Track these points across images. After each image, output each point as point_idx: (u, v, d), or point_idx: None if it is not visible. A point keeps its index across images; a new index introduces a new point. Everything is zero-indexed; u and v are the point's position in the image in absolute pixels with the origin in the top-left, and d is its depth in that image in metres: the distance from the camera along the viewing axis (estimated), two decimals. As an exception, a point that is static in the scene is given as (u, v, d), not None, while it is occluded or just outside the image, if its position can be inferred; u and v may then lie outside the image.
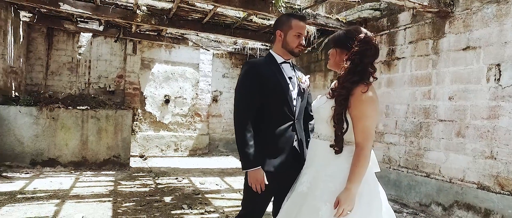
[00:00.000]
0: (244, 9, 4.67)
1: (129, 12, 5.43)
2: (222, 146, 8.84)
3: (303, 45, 2.06)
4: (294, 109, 2.01)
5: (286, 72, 2.05)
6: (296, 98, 2.03)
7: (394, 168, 4.78)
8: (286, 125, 1.98)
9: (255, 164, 1.88)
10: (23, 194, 4.17)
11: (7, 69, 5.66)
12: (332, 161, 1.71)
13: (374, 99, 1.68)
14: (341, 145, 1.70)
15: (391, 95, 4.88)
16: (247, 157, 1.88)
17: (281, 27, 2.05)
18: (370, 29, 5.26)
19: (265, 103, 1.97)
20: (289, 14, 2.09)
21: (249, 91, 1.96)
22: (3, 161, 5.29)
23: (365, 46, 1.71)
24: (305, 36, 2.08)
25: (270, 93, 1.95)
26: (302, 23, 2.04)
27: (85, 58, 7.26)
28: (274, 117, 1.98)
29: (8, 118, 5.27)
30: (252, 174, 1.89)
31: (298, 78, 2.07)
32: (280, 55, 2.07)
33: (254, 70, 1.98)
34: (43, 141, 5.43)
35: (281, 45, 2.05)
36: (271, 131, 1.97)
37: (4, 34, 5.47)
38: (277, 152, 1.96)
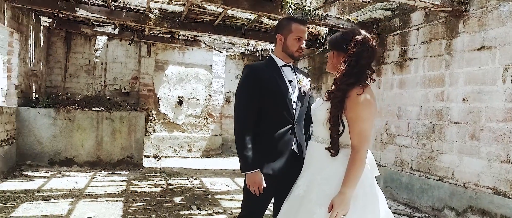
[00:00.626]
0: (253, 11, 4.69)
1: (142, 16, 5.55)
2: (235, 146, 8.88)
3: (303, 48, 2.06)
4: (294, 112, 2.02)
5: (286, 75, 2.06)
6: (296, 101, 2.03)
7: (406, 171, 4.68)
8: (285, 128, 1.99)
9: (253, 166, 1.90)
10: (41, 193, 4.34)
11: (28, 73, 5.90)
12: (328, 164, 1.70)
13: (371, 102, 1.66)
14: (337, 148, 1.69)
15: (403, 97, 4.78)
16: (246, 160, 1.91)
17: (282, 31, 2.05)
18: (382, 29, 5.19)
19: (265, 107, 1.99)
20: (290, 18, 2.10)
21: (248, 95, 1.98)
22: (24, 160, 5.52)
23: (362, 48, 1.69)
24: (305, 40, 2.07)
25: (269, 96, 1.97)
26: (303, 27, 2.04)
27: (101, 61, 7.47)
28: (273, 120, 2.00)
29: (29, 119, 5.49)
30: (250, 176, 1.91)
31: (299, 81, 2.06)
32: (281, 59, 2.08)
33: (254, 73, 2.00)
34: (60, 141, 5.63)
35: (282, 49, 2.06)
36: (270, 134, 1.98)
37: (25, 39, 5.71)
38: (276, 155, 1.97)
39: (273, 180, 1.94)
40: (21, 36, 5.54)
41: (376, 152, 5.27)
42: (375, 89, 5.34)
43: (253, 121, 1.97)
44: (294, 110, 2.02)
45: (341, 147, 1.71)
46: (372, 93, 1.70)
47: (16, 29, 5.35)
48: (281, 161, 1.97)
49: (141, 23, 5.62)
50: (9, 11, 5.08)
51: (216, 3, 4.40)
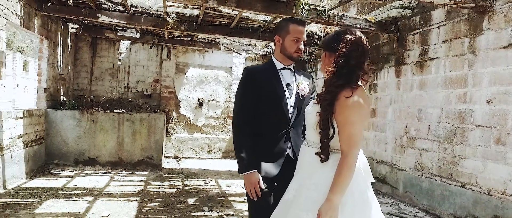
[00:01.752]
0: (266, 13, 4.68)
1: (160, 20, 5.70)
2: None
3: (302, 50, 2.02)
4: (290, 117, 1.99)
5: (284, 78, 2.03)
6: (293, 106, 2.00)
7: (426, 176, 4.47)
8: (280, 133, 1.98)
9: (250, 167, 1.91)
10: (64, 191, 4.56)
11: (56, 77, 6.23)
12: (318, 169, 1.65)
13: (361, 104, 1.59)
14: (327, 153, 1.64)
15: (424, 98, 4.57)
16: (243, 161, 1.92)
17: (280, 32, 2.03)
18: (402, 28, 5.00)
19: (261, 110, 1.99)
20: (288, 19, 2.08)
21: (245, 98, 1.99)
22: (52, 159, 5.83)
23: (352, 47, 1.63)
24: (304, 41, 2.03)
25: (265, 100, 1.97)
26: (301, 28, 2.00)
27: (125, 64, 7.74)
28: (269, 124, 1.99)
29: (56, 120, 5.79)
30: (247, 177, 1.91)
31: (297, 85, 2.03)
32: (280, 61, 2.05)
33: (251, 76, 2.01)
34: (84, 142, 5.89)
35: (280, 51, 2.04)
36: (266, 138, 1.98)
37: (54, 45, 6.04)
38: (271, 159, 1.96)
39: (268, 183, 1.93)
40: (50, 42, 5.86)
41: (395, 155, 5.08)
42: (395, 91, 5.16)
43: (249, 124, 1.98)
44: (291, 114, 1.99)
45: (331, 152, 1.66)
46: (363, 96, 1.63)
47: (45, 36, 5.66)
48: (276, 165, 1.95)
49: (160, 27, 5.78)
50: (39, 19, 5.39)
51: (229, 6, 4.43)
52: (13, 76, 28.10)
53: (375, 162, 5.55)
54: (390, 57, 5.32)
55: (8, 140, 4.64)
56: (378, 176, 5.44)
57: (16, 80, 28.78)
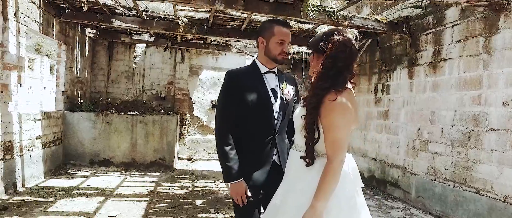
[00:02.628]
0: (274, 15, 4.66)
1: (171, 24, 5.81)
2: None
3: (286, 52, 1.96)
4: (275, 123, 1.93)
5: (269, 83, 1.97)
6: (278, 111, 1.95)
7: (439, 180, 4.32)
8: (266, 139, 1.92)
9: (236, 177, 1.87)
10: (78, 190, 4.72)
11: (74, 80, 6.47)
12: (304, 174, 1.62)
13: (346, 108, 1.54)
14: (312, 157, 1.60)
15: (437, 100, 4.42)
16: (228, 170, 1.87)
17: (263, 34, 1.96)
18: (415, 28, 4.87)
19: (245, 116, 1.92)
20: (272, 20, 2.01)
21: (228, 105, 1.93)
22: (69, 159, 6.05)
23: (339, 49, 1.59)
24: (289, 43, 1.98)
25: (249, 106, 1.90)
26: (285, 30, 1.95)
27: (140, 67, 7.93)
28: (254, 130, 1.93)
29: (73, 122, 6.01)
30: (233, 186, 1.88)
31: (282, 89, 1.98)
32: (264, 64, 1.99)
33: (234, 81, 1.94)
34: (99, 143, 6.07)
35: (264, 53, 1.97)
36: (251, 145, 1.93)
37: (72, 50, 6.27)
38: (258, 165, 1.92)
39: (254, 190, 1.91)
40: (68, 47, 6.09)
41: (407, 159, 4.94)
42: (407, 92, 5.02)
43: (232, 131, 1.92)
44: (276, 120, 1.94)
45: (318, 156, 1.62)
46: (350, 99, 1.59)
47: (63, 41, 5.89)
48: (262, 172, 1.91)
49: (171, 30, 5.89)
50: (57, 25, 5.61)
51: (237, 8, 4.46)
52: (41, 79, 29.33)
53: (388, 166, 5.41)
54: (403, 58, 5.18)
55: (27, 141, 4.85)
56: (390, 180, 5.30)
57: (43, 83, 30.02)
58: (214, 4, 4.36)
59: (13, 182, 4.53)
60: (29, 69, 25.86)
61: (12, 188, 4.48)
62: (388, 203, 4.82)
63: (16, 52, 4.50)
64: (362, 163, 6.22)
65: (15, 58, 4.48)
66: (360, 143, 6.31)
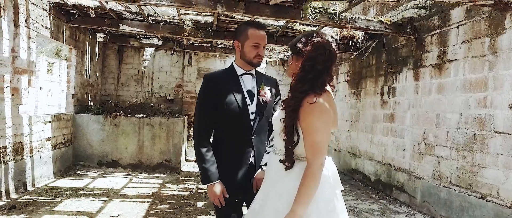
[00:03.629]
0: (276, 18, 4.69)
1: (177, 27, 5.90)
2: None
3: (262, 56, 1.95)
4: (252, 124, 1.93)
5: (245, 84, 1.97)
6: (254, 112, 1.94)
7: (444, 185, 4.21)
8: (242, 140, 1.93)
9: (212, 179, 1.88)
10: (84, 190, 4.84)
11: (84, 83, 6.65)
12: (283, 178, 1.61)
13: (324, 111, 1.53)
14: (291, 160, 1.59)
15: (442, 103, 4.32)
16: (205, 172, 1.89)
17: (239, 37, 1.96)
18: (420, 29, 4.78)
19: (221, 118, 1.94)
20: (247, 23, 1.99)
21: (204, 108, 1.94)
22: (78, 160, 6.21)
23: (318, 51, 1.57)
24: (264, 46, 1.97)
25: (225, 108, 1.91)
26: (260, 33, 1.93)
27: (149, 70, 8.08)
28: (231, 132, 1.95)
29: (82, 124, 6.17)
30: (210, 188, 1.90)
31: (259, 90, 1.98)
32: (240, 67, 1.99)
33: (210, 84, 1.95)
34: (107, 144, 6.21)
35: (240, 56, 1.97)
36: (228, 146, 1.94)
37: (82, 54, 6.46)
38: (235, 167, 1.93)
39: (233, 192, 1.91)
40: (78, 51, 6.27)
41: (413, 162, 4.83)
42: (413, 95, 4.92)
43: (209, 133, 1.95)
44: (252, 121, 1.93)
45: (297, 159, 1.61)
46: (329, 101, 1.57)
47: (73, 46, 6.07)
48: (239, 174, 1.92)
49: (177, 34, 5.98)
50: (67, 30, 5.79)
51: (238, 12, 4.49)
52: (59, 83, 30.25)
53: (393, 169, 5.31)
54: (409, 60, 5.09)
55: (37, 142, 5.02)
56: (396, 184, 5.20)
57: (62, 86, 30.92)
58: (215, 8, 4.40)
59: (23, 181, 4.69)
60: (49, 73, 26.74)
61: (22, 188, 4.64)
62: (393, 208, 4.72)
63: (27, 57, 4.67)
64: (368, 166, 6.12)
65: (25, 63, 4.65)
66: (367, 146, 6.22)
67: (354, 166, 6.72)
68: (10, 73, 4.32)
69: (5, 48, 4.21)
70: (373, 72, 6.18)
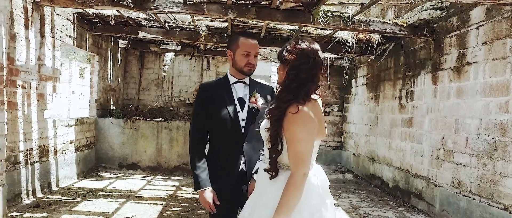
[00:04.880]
0: (287, 22, 4.68)
1: (193, 33, 6.03)
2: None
3: (253, 64, 1.98)
4: (243, 131, 1.96)
5: (237, 92, 2.02)
6: (245, 119, 1.97)
7: (464, 194, 4.01)
8: (234, 147, 1.96)
9: (203, 185, 1.92)
10: (103, 192, 5.04)
11: (106, 88, 6.94)
12: (269, 187, 1.60)
13: (307, 121, 1.51)
14: (275, 169, 1.59)
15: (461, 108, 4.13)
16: (196, 179, 1.94)
17: (231, 46, 2.02)
18: (438, 30, 4.62)
19: (213, 126, 1.99)
20: (239, 33, 2.05)
21: (197, 115, 2.01)
22: (100, 162, 6.48)
23: (302, 60, 1.55)
24: (256, 55, 2.00)
25: (215, 116, 1.96)
26: (250, 41, 1.97)
27: (169, 75, 8.29)
28: (223, 139, 1.98)
29: (104, 127, 6.44)
30: (201, 195, 1.94)
31: (251, 97, 2.00)
32: (233, 75, 2.04)
33: (202, 93, 2.02)
34: (127, 147, 6.44)
35: (232, 65, 2.02)
36: (219, 153, 1.98)
37: (104, 60, 6.75)
38: (225, 174, 1.95)
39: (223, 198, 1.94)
40: (100, 58, 6.56)
41: (431, 169, 4.65)
42: (431, 99, 4.74)
43: (201, 140, 2.00)
44: (243, 128, 1.96)
45: (283, 169, 1.60)
46: (314, 110, 1.55)
47: (96, 53, 6.36)
48: (230, 180, 1.94)
49: (193, 40, 6.11)
50: (90, 38, 6.08)
51: (250, 17, 4.53)
52: (90, 87, 31.57)
53: (412, 176, 5.13)
54: (427, 63, 4.91)
55: (61, 145, 5.29)
56: (414, 191, 5.01)
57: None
58: (226, 14, 4.47)
59: (48, 182, 4.97)
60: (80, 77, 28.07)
61: (47, 187, 4.92)
62: (410, 216, 4.56)
63: (52, 65, 4.95)
64: (387, 172, 5.95)
65: (50, 70, 4.93)
66: (385, 151, 6.04)
67: (372, 171, 6.55)
68: (36, 80, 4.59)
69: (32, 57, 4.49)
70: (391, 75, 6.00)
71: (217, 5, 4.43)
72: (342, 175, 7.28)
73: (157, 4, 4.39)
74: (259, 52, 2.09)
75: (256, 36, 2.07)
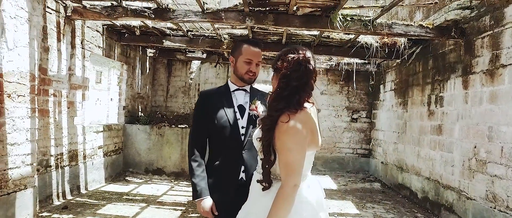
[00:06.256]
0: (306, 28, 4.61)
1: (216, 41, 6.13)
2: (320, 164, 8.61)
3: (254, 72, 1.95)
4: (242, 138, 1.92)
5: (237, 100, 1.99)
6: (245, 127, 1.93)
7: (500, 209, 3.67)
8: (233, 155, 1.92)
9: (201, 194, 1.90)
10: (127, 196, 5.22)
11: (134, 96, 7.22)
12: (261, 197, 1.56)
13: (297, 130, 1.45)
14: (268, 180, 1.54)
15: (495, 114, 3.81)
16: (194, 187, 1.91)
17: (233, 53, 2.00)
18: (469, 31, 4.33)
19: (212, 134, 1.97)
20: (242, 40, 2.05)
21: (197, 123, 2.00)
22: (127, 167, 6.73)
23: (292, 68, 1.52)
24: (258, 63, 1.97)
25: (215, 123, 1.93)
26: (253, 49, 1.94)
27: (195, 82, 8.47)
28: (222, 147, 1.95)
29: (131, 133, 6.69)
30: (199, 204, 1.91)
31: (251, 105, 1.96)
32: (234, 82, 2.02)
33: (202, 100, 2.01)
34: (153, 153, 6.63)
35: (233, 71, 2.01)
36: (219, 162, 1.95)
37: (132, 69, 7.04)
38: (225, 183, 1.92)
39: (222, 208, 1.90)
40: (129, 67, 6.85)
41: (463, 180, 4.32)
42: (462, 105, 4.42)
43: (201, 148, 1.97)
44: (243, 135, 1.92)
45: (276, 179, 1.55)
46: (306, 120, 1.49)
47: (124, 62, 6.65)
48: (228, 190, 1.90)
49: (216, 47, 6.20)
50: (119, 48, 6.38)
51: (267, 24, 4.52)
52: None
53: (442, 187, 4.80)
54: (457, 66, 4.60)
55: (90, 150, 5.56)
56: (445, 203, 4.68)
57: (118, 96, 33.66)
58: (244, 21, 4.49)
59: (77, 185, 5.23)
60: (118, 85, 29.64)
61: (76, 190, 5.18)
62: (439, 230, 4.26)
63: (81, 74, 5.24)
64: (415, 182, 5.62)
65: (80, 79, 5.22)
66: (414, 160, 5.72)
67: (400, 180, 6.22)
68: (67, 89, 4.88)
69: (63, 68, 4.78)
70: (419, 80, 5.70)
71: (235, 13, 4.47)
72: (369, 184, 6.99)
73: (177, 14, 4.52)
74: (262, 61, 2.05)
75: (260, 44, 2.05)
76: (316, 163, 8.65)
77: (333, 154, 8.60)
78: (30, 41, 3.85)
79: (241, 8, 4.33)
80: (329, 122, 8.64)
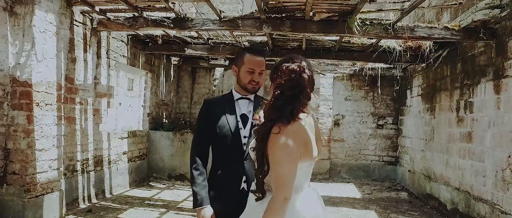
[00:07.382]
0: (323, 33, 4.55)
1: (236, 48, 6.18)
2: (344, 171, 8.39)
3: (257, 82, 1.93)
4: (244, 148, 1.90)
5: (241, 109, 1.97)
6: (247, 136, 1.91)
7: (536, 224, 3.37)
8: (235, 165, 1.89)
9: (201, 203, 1.88)
10: (149, 201, 5.35)
11: (159, 103, 7.43)
12: (255, 208, 1.53)
13: (288, 142, 1.41)
14: (262, 190, 1.50)
15: (529, 121, 3.52)
16: (195, 196, 1.90)
17: (236, 62, 1.99)
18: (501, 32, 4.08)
19: (215, 143, 1.96)
20: (245, 48, 2.03)
21: (199, 132, 2.00)
22: (151, 173, 6.90)
23: (286, 77, 1.48)
24: (260, 72, 1.94)
25: (217, 132, 1.92)
26: (256, 58, 1.91)
27: (218, 89, 8.58)
28: (224, 156, 1.93)
29: (155, 140, 6.87)
30: (199, 212, 1.90)
31: (254, 114, 1.93)
32: (237, 91, 2.01)
33: (207, 109, 2.00)
34: (176, 159, 6.77)
35: (237, 81, 2.00)
36: (220, 171, 1.93)
37: (157, 76, 7.26)
38: (225, 193, 1.90)
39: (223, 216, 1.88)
40: (153, 75, 7.07)
41: (496, 192, 4.02)
42: (494, 111, 4.14)
43: (202, 157, 1.96)
44: (245, 145, 1.90)
45: (269, 190, 1.51)
46: (298, 131, 1.45)
47: (148, 70, 6.88)
48: (229, 199, 1.87)
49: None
50: (143, 57, 6.61)
51: (284, 30, 4.50)
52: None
53: (472, 198, 4.49)
54: (488, 69, 4.31)
55: (115, 156, 5.77)
56: (476, 217, 4.37)
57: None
58: (261, 29, 4.50)
59: (102, 189, 5.43)
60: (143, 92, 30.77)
61: (101, 194, 5.38)
62: (469, 245, 3.98)
63: (107, 83, 5.48)
64: (444, 192, 5.31)
65: (105, 88, 5.45)
66: (442, 169, 5.41)
67: (428, 190, 5.90)
68: (92, 98, 5.11)
69: (89, 77, 5.02)
70: (447, 84, 5.41)
71: (251, 20, 4.49)
72: (395, 193, 6.69)
73: (195, 22, 4.62)
74: (265, 70, 2.04)
75: (264, 53, 2.03)
76: (340, 171, 8.42)
77: (358, 161, 8.34)
78: (57, 52, 4.09)
79: (257, 15, 4.34)
80: (354, 129, 8.41)
